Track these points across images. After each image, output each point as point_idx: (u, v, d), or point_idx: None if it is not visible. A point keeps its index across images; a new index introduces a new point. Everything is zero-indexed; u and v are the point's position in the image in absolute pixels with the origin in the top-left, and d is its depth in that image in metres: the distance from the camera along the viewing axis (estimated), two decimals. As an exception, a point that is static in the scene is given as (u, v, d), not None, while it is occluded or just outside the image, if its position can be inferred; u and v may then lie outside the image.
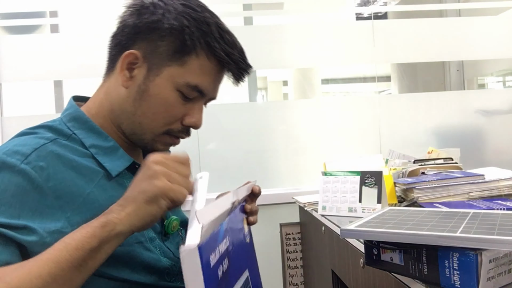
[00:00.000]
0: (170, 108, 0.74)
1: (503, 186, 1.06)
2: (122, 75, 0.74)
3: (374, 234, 0.61)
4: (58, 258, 0.54)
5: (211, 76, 0.75)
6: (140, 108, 0.74)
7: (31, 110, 2.04)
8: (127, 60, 0.73)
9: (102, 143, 0.73)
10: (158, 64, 0.73)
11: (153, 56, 0.73)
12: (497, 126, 2.10)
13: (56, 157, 0.66)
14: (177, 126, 0.77)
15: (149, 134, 0.76)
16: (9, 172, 0.62)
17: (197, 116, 0.77)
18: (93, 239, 0.55)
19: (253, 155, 1.99)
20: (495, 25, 2.12)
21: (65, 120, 0.75)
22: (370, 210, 1.10)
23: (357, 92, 6.39)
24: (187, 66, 0.73)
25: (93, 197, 0.67)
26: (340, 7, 2.21)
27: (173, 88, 0.73)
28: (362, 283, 0.91)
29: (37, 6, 1.97)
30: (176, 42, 0.72)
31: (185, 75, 0.73)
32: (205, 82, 0.75)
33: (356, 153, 1.84)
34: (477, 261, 0.52)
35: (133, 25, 0.73)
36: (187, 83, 0.73)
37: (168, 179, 0.59)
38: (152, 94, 0.73)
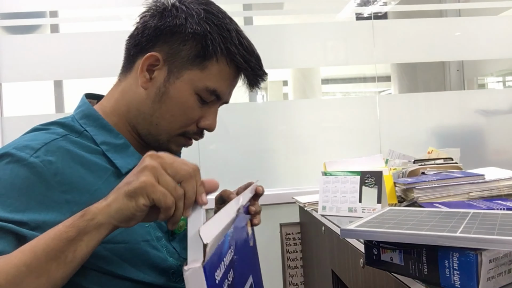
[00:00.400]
0: (189, 111, 0.76)
1: (503, 186, 1.06)
2: (141, 76, 0.75)
3: (374, 234, 0.61)
4: (34, 248, 0.52)
5: (228, 81, 0.78)
6: (159, 110, 0.75)
7: (31, 110, 2.04)
8: (148, 62, 0.74)
9: (113, 140, 0.74)
10: (179, 68, 0.74)
11: (174, 59, 0.74)
12: (497, 126, 2.10)
13: (65, 153, 0.67)
14: (193, 128, 0.79)
15: (164, 135, 0.77)
16: (18, 165, 0.63)
17: (212, 119, 0.80)
18: (71, 229, 0.52)
19: (253, 155, 1.99)
20: (495, 25, 2.12)
21: (77, 117, 0.76)
22: (370, 210, 1.10)
23: (357, 92, 6.39)
24: (207, 71, 0.74)
25: (100, 194, 0.67)
26: (340, 7, 2.21)
27: (192, 92, 0.75)
28: (362, 283, 0.91)
29: (37, 6, 1.97)
30: (198, 46, 0.73)
31: (205, 80, 0.75)
32: (223, 87, 0.77)
33: (356, 153, 1.84)
34: (477, 261, 0.52)
35: (154, 27, 0.74)
36: (207, 87, 0.75)
37: (156, 177, 0.52)
38: (171, 97, 0.74)
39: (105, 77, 1.80)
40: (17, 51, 1.87)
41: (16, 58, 1.87)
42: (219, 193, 0.89)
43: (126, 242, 0.68)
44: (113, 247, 0.67)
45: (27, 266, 0.50)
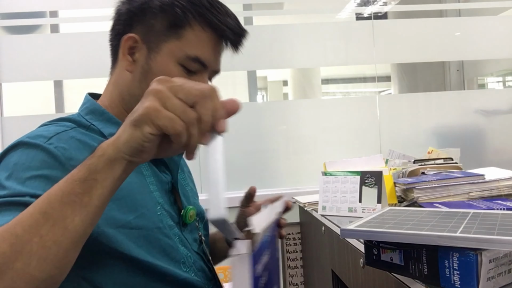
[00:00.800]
0: None
1: (503, 186, 1.06)
2: (124, 60, 0.76)
3: (374, 234, 0.61)
4: (48, 195, 0.49)
5: (209, 46, 0.76)
6: (147, 89, 0.75)
7: (31, 110, 2.04)
8: (127, 45, 0.75)
9: None
10: (156, 42, 0.74)
11: (150, 36, 0.75)
12: (497, 126, 2.10)
13: (77, 142, 0.68)
14: None
15: None
16: (34, 149, 0.64)
17: None
18: (82, 168, 0.50)
19: (253, 155, 1.99)
20: (495, 25, 2.12)
21: (83, 113, 0.77)
22: (370, 210, 1.10)
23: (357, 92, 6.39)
24: (184, 39, 0.74)
25: None
26: (340, 7, 2.21)
27: (174, 63, 0.74)
28: (362, 283, 0.91)
29: (37, 6, 1.97)
30: (169, 16, 0.74)
31: (184, 48, 0.74)
32: (205, 53, 0.75)
33: (356, 153, 1.84)
34: (477, 261, 0.52)
35: (126, 11, 0.76)
36: (187, 55, 0.74)
37: (163, 101, 0.47)
38: (155, 72, 0.74)
39: (105, 77, 1.79)
40: (17, 51, 1.88)
41: (16, 58, 1.87)
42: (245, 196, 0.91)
43: (140, 228, 0.69)
44: (128, 232, 0.67)
45: (42, 214, 0.47)
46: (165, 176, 0.79)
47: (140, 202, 0.70)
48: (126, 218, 0.67)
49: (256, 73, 2.27)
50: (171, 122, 0.46)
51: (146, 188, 0.73)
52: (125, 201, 0.68)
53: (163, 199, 0.76)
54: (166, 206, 0.76)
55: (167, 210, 0.76)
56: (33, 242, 0.46)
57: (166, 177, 0.79)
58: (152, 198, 0.73)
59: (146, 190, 0.73)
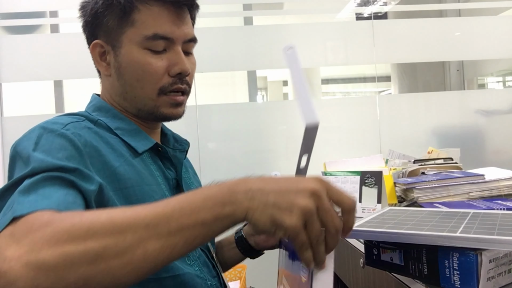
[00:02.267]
0: (147, 67, 0.75)
1: (503, 186, 1.06)
2: (100, 67, 0.80)
3: (374, 234, 0.61)
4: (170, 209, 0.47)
5: (163, 18, 0.75)
6: (126, 84, 0.77)
7: (31, 110, 2.04)
8: (96, 52, 0.79)
9: (126, 126, 0.77)
10: (116, 38, 0.76)
11: (109, 35, 0.77)
12: (497, 126, 2.10)
13: (90, 131, 0.70)
14: (166, 80, 0.77)
15: (148, 102, 0.77)
16: (52, 134, 0.65)
17: (179, 61, 0.77)
18: (209, 215, 0.47)
19: (253, 155, 1.99)
20: (495, 25, 2.12)
21: (90, 111, 0.79)
22: (370, 210, 1.10)
23: (357, 92, 6.39)
24: (137, 23, 0.75)
25: (123, 171, 0.69)
26: (340, 7, 2.21)
27: (138, 49, 0.75)
28: (362, 283, 0.91)
29: (37, 6, 1.97)
30: (115, 9, 0.75)
31: (140, 31, 0.75)
32: (162, 27, 0.75)
33: (356, 153, 1.84)
34: (477, 261, 0.52)
35: (85, 23, 0.80)
36: (145, 36, 0.74)
37: (304, 221, 0.46)
38: (126, 65, 0.76)
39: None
40: (17, 51, 1.88)
41: (16, 58, 1.87)
42: None
43: None
44: None
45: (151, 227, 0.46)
46: (169, 172, 0.80)
47: (148, 192, 0.71)
48: None
49: (256, 73, 2.27)
50: (303, 247, 0.47)
51: (155, 180, 0.74)
52: (133, 190, 0.69)
53: (169, 194, 0.76)
54: None
55: None
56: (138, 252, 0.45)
57: (170, 174, 0.80)
58: (160, 190, 0.74)
59: (155, 182, 0.74)
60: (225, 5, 2.10)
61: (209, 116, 1.95)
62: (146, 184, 0.71)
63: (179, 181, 0.81)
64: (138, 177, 0.70)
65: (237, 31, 2.00)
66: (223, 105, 1.96)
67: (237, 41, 1.96)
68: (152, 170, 0.76)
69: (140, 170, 0.72)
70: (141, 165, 0.74)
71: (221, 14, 2.11)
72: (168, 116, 0.79)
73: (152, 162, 0.77)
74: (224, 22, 2.16)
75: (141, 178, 0.71)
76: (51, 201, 0.53)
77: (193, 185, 0.88)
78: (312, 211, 0.46)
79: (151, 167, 0.76)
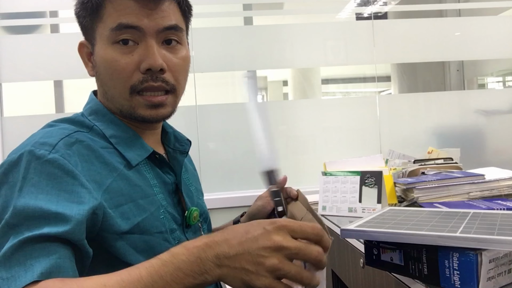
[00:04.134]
0: (114, 64, 0.71)
1: (503, 186, 1.06)
2: (87, 67, 0.78)
3: (374, 234, 0.61)
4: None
5: (128, 8, 0.70)
6: (103, 84, 0.75)
7: (31, 110, 2.04)
8: (83, 52, 0.77)
9: (122, 134, 0.74)
10: (92, 35, 0.74)
11: (87, 33, 0.75)
12: (497, 126, 2.10)
13: (81, 146, 0.67)
14: (136, 77, 0.71)
15: (123, 102, 0.73)
16: (39, 163, 0.62)
17: (149, 55, 0.70)
18: (180, 287, 0.50)
19: (253, 155, 1.98)
20: (495, 25, 2.12)
21: (86, 113, 0.76)
22: (370, 210, 1.10)
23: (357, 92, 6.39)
24: (105, 18, 0.71)
25: (116, 187, 0.67)
26: (340, 7, 2.21)
27: (108, 45, 0.71)
28: (362, 283, 0.91)
29: (37, 6, 1.97)
30: (86, 9, 0.73)
31: (107, 25, 0.71)
32: (127, 16, 0.70)
33: (356, 153, 1.84)
34: (477, 261, 0.52)
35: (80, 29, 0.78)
36: (111, 28, 0.70)
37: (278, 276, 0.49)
38: (99, 64, 0.73)
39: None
40: (17, 51, 1.87)
41: (16, 58, 1.87)
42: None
43: (142, 233, 0.68)
44: (129, 238, 0.67)
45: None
46: (168, 177, 0.78)
47: (142, 206, 0.70)
48: (127, 225, 0.66)
49: (256, 73, 2.27)
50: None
51: (150, 191, 0.72)
52: (128, 207, 0.67)
53: (166, 201, 0.75)
54: (170, 208, 0.75)
55: (171, 212, 0.75)
56: None
57: (169, 178, 0.78)
58: (156, 201, 0.72)
59: (149, 193, 0.72)
60: (225, 5, 2.10)
61: (209, 116, 1.95)
62: (141, 197, 0.70)
63: (178, 184, 0.79)
64: (133, 191, 0.68)
65: (237, 31, 2.00)
66: (223, 105, 1.96)
67: (237, 41, 1.96)
68: (148, 179, 0.74)
69: (135, 183, 0.70)
70: (136, 176, 0.72)
71: (221, 14, 2.11)
72: (147, 118, 0.73)
73: (149, 170, 0.75)
74: (224, 22, 2.16)
75: (135, 192, 0.69)
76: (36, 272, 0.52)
77: (191, 185, 0.87)
78: (279, 266, 0.49)
79: (148, 175, 0.74)
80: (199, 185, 0.95)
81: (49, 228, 0.56)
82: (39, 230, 0.56)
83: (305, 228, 0.52)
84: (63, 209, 0.58)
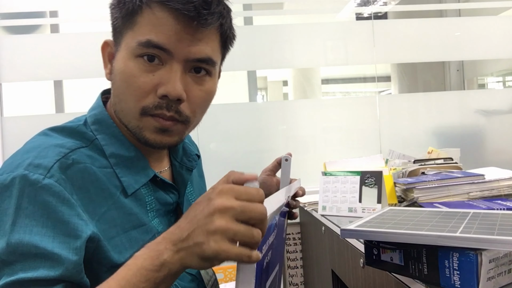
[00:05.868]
0: (132, 80, 0.64)
1: (503, 186, 1.06)
2: (105, 68, 0.72)
3: (374, 234, 0.61)
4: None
5: (164, 27, 0.63)
6: (115, 94, 0.69)
7: (31, 110, 2.04)
8: (105, 51, 0.72)
9: (123, 153, 0.69)
10: (119, 39, 0.68)
11: (115, 35, 0.69)
12: (497, 126, 2.10)
13: (77, 170, 0.63)
14: (151, 100, 0.65)
15: (132, 120, 0.67)
16: (33, 189, 0.57)
17: (170, 81, 0.64)
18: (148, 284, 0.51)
19: (253, 155, 1.99)
20: (495, 25, 2.12)
21: (90, 121, 0.70)
22: (370, 210, 1.10)
23: (357, 92, 6.40)
24: (137, 27, 0.65)
25: (109, 218, 0.64)
26: (340, 7, 2.21)
27: (131, 57, 0.65)
28: (362, 283, 0.91)
29: (37, 6, 1.97)
30: (122, 10, 0.66)
31: (136, 36, 0.65)
32: (159, 35, 0.63)
33: (356, 153, 1.84)
34: (477, 261, 0.52)
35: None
36: (139, 42, 0.64)
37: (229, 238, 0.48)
38: (116, 73, 0.67)
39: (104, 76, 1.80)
40: (17, 51, 1.88)
41: (16, 58, 1.87)
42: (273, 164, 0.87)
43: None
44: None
45: None
46: (171, 196, 0.74)
47: (135, 238, 0.66)
48: (119, 258, 0.63)
49: (256, 73, 2.27)
50: (240, 257, 0.48)
51: (144, 219, 0.68)
52: (120, 240, 0.64)
53: (163, 225, 0.71)
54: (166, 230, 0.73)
55: None
56: None
57: (172, 197, 0.74)
58: (151, 229, 0.69)
59: (144, 221, 0.68)
60: (225, 5, 2.10)
61: (209, 116, 1.95)
62: (135, 227, 0.66)
63: (180, 204, 0.76)
64: (126, 221, 0.65)
65: (237, 31, 2.00)
66: (223, 105, 1.96)
67: (237, 41, 1.95)
68: (146, 203, 0.69)
69: (130, 211, 0.66)
70: (133, 203, 0.67)
71: (221, 14, 2.11)
72: (151, 143, 0.67)
73: (149, 193, 0.70)
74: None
75: (129, 222, 0.66)
76: None
77: (193, 200, 0.82)
78: (227, 226, 0.48)
79: (147, 199, 0.70)
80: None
81: (45, 271, 0.54)
82: (34, 272, 0.53)
83: (250, 190, 0.50)
84: (60, 249, 0.55)
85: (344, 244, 1.02)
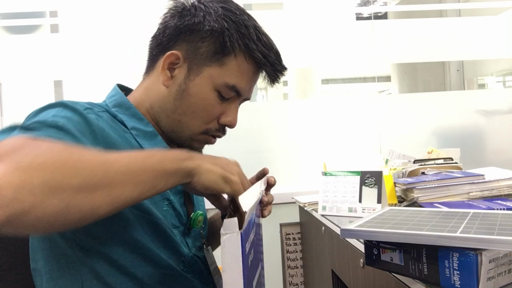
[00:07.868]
0: (209, 108, 0.77)
1: (503, 186, 1.06)
2: (163, 74, 0.77)
3: (374, 234, 0.61)
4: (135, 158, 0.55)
5: (247, 77, 0.78)
6: (180, 107, 0.77)
7: (31, 110, 2.04)
8: (169, 60, 0.77)
9: (143, 127, 0.76)
10: (199, 65, 0.76)
11: (193, 57, 0.76)
12: (497, 126, 2.10)
13: (107, 118, 0.72)
14: (214, 125, 0.79)
15: (187, 132, 0.78)
16: (72, 112, 0.65)
17: (233, 115, 0.80)
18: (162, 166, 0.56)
19: (253, 155, 1.99)
20: (495, 25, 2.12)
21: (110, 105, 0.78)
22: (370, 210, 1.10)
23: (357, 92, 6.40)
24: (226, 67, 0.75)
25: None
26: (340, 7, 2.21)
27: (212, 88, 0.76)
28: (362, 283, 0.91)
29: (37, 6, 1.97)
30: (216, 43, 0.75)
31: (224, 76, 0.76)
32: (242, 83, 0.77)
33: (356, 153, 1.85)
34: (477, 261, 0.52)
35: (174, 27, 0.76)
36: (226, 83, 0.76)
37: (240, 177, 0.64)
38: (192, 94, 0.76)
39: (104, 76, 1.80)
40: (17, 51, 1.88)
41: (16, 58, 1.87)
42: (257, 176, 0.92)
43: (150, 214, 0.70)
44: (139, 214, 0.68)
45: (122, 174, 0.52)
46: None
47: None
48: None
49: (256, 73, 2.27)
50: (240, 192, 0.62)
51: None
52: None
53: (174, 197, 0.76)
54: (176, 205, 0.76)
55: (176, 209, 0.75)
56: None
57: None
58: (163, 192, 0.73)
59: None
60: (225, 5, 2.10)
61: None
62: None
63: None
64: None
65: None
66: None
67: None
68: None
69: None
70: None
71: (221, 14, 2.11)
72: (193, 149, 0.80)
73: None
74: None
75: None
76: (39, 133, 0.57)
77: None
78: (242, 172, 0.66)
79: None
80: None
81: None
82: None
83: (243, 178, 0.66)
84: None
85: (344, 244, 1.02)
